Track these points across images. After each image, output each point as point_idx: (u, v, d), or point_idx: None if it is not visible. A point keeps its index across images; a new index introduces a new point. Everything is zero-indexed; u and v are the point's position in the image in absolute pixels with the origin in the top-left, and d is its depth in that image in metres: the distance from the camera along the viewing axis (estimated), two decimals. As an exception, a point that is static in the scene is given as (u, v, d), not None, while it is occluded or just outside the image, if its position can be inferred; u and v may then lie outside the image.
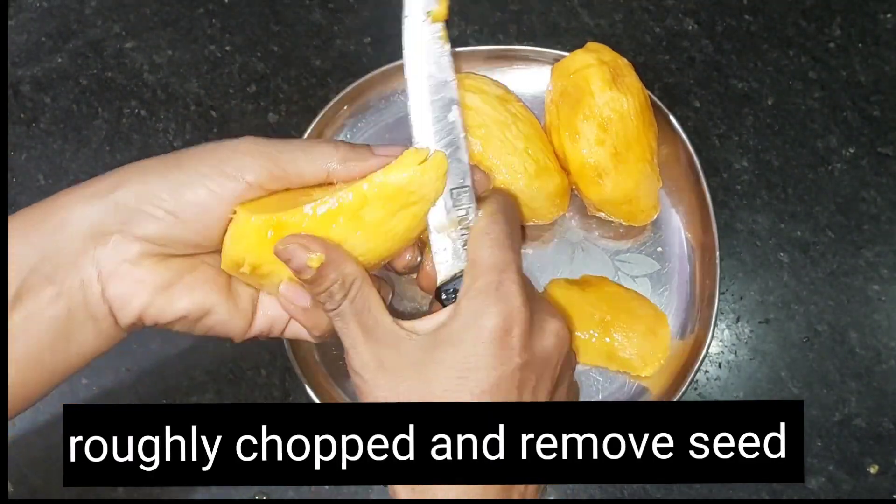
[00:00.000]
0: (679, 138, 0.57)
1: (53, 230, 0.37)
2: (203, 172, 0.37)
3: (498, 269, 0.38)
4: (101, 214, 0.37)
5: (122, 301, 0.38)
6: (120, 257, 0.37)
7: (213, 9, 0.67)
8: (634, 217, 0.56)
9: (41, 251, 0.36)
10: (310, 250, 0.37)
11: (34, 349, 0.37)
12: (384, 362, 0.37)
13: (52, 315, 0.37)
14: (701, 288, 0.57)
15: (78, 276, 0.37)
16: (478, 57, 0.61)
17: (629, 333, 0.55)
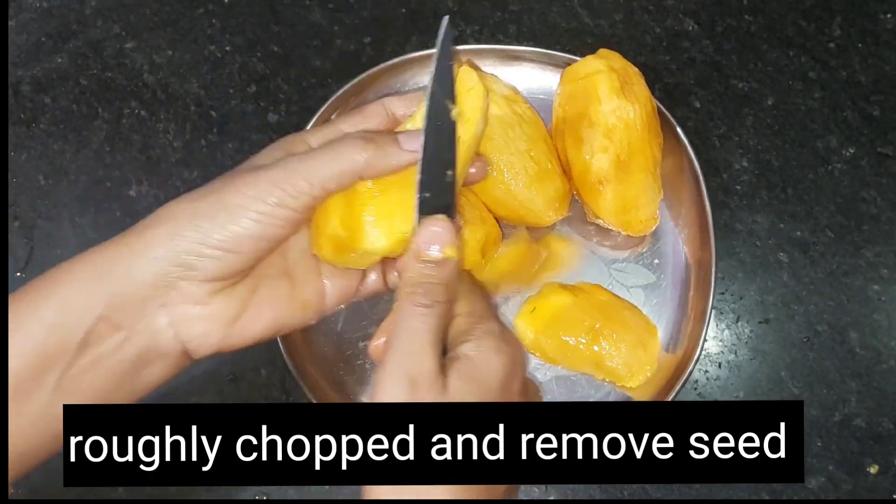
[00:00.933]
0: (684, 150, 0.57)
1: (118, 281, 0.38)
2: (249, 207, 0.38)
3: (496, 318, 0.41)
4: (164, 264, 0.38)
5: (199, 341, 0.39)
6: (190, 301, 0.38)
7: (213, 9, 0.67)
8: (632, 227, 0.56)
9: (107, 301, 0.37)
10: (454, 240, 0.39)
11: (100, 389, 0.38)
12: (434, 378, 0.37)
13: (120, 358, 0.38)
14: (694, 303, 0.56)
15: (147, 322, 0.38)
16: (489, 56, 0.61)
17: (618, 343, 0.54)
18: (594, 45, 0.64)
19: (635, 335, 0.55)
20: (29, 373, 0.36)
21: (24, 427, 0.37)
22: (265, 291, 0.41)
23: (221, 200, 0.38)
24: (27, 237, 0.63)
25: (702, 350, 0.54)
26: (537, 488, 0.56)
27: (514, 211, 0.56)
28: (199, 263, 0.38)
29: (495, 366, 0.38)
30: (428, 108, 0.40)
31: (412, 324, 0.38)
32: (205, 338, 0.39)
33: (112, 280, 0.38)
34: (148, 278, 0.38)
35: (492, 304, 0.42)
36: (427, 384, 0.36)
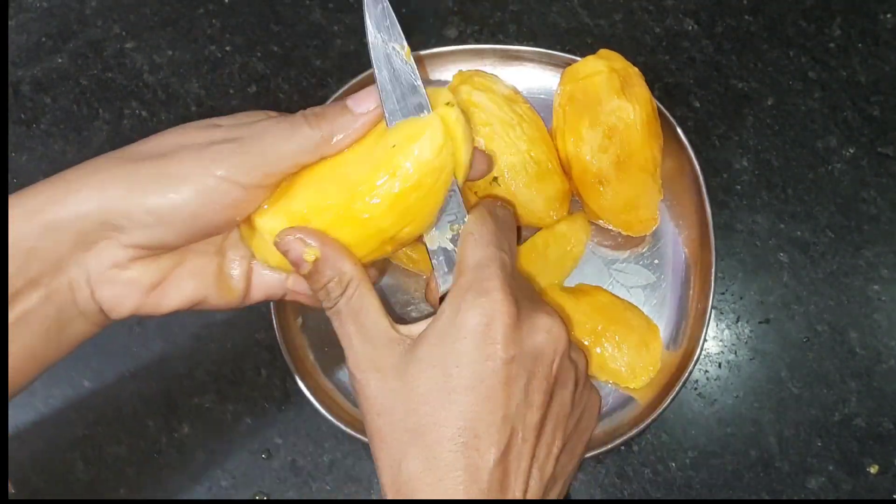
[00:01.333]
0: (684, 150, 0.57)
1: (39, 235, 0.36)
2: (189, 178, 0.36)
3: (480, 266, 0.37)
4: (87, 223, 0.36)
5: (113, 303, 0.38)
6: (108, 262, 0.37)
7: (213, 9, 0.67)
8: (632, 227, 0.56)
9: (26, 255, 0.36)
10: (306, 244, 0.37)
11: (27, 346, 0.37)
12: (376, 362, 0.37)
13: (42, 315, 0.37)
14: (694, 303, 0.57)
15: (65, 279, 0.37)
16: (489, 56, 0.61)
17: (621, 344, 0.54)
18: (594, 45, 0.64)
19: (637, 336, 0.55)
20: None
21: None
22: (191, 266, 0.40)
23: (165, 167, 0.36)
24: None
25: (702, 350, 0.54)
26: (538, 488, 0.56)
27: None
28: (125, 227, 0.36)
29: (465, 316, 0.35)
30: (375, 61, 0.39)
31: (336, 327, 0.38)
32: (119, 301, 0.38)
33: (33, 229, 0.36)
34: (70, 233, 0.36)
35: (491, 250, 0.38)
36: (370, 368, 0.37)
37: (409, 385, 0.36)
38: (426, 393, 0.35)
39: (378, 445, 0.37)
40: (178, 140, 0.38)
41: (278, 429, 0.57)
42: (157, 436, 0.57)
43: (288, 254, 0.37)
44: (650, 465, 0.56)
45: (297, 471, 0.56)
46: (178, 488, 0.56)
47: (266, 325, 0.57)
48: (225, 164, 0.36)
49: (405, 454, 0.35)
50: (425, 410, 0.35)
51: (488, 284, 0.36)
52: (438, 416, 0.35)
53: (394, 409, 0.36)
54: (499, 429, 0.35)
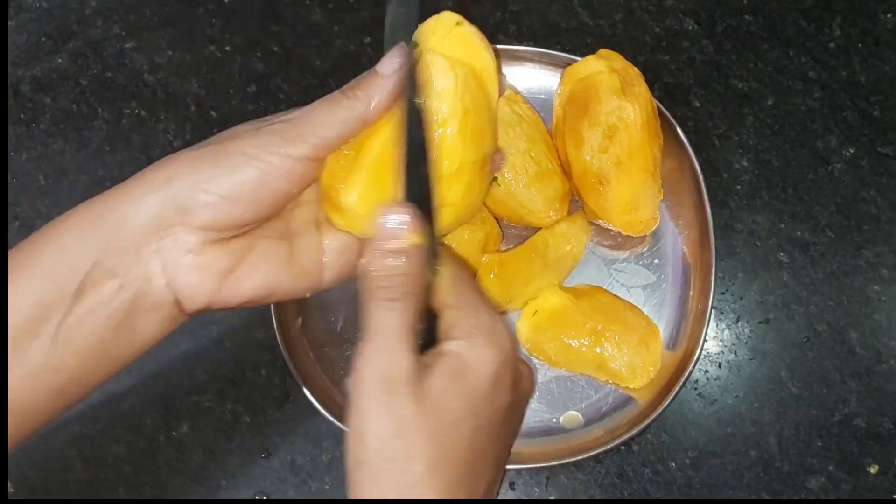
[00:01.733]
0: (684, 150, 0.57)
1: (113, 227, 0.37)
2: (250, 154, 0.38)
3: (492, 316, 0.39)
4: (160, 208, 0.37)
5: (190, 291, 0.38)
6: (183, 248, 0.38)
7: (213, 9, 0.67)
8: (632, 227, 0.56)
9: (102, 247, 0.37)
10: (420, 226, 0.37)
11: (97, 340, 0.37)
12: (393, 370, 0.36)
13: (115, 307, 0.37)
14: (694, 303, 0.57)
15: (141, 269, 0.37)
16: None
17: (621, 345, 0.54)
18: (594, 45, 0.64)
19: (637, 336, 0.55)
20: (27, 324, 0.36)
21: (24, 379, 0.36)
22: (262, 251, 0.40)
23: (223, 149, 0.38)
24: (27, 237, 0.62)
25: (702, 350, 0.54)
26: (537, 488, 0.56)
27: (513, 211, 0.56)
28: (195, 208, 0.37)
29: (484, 363, 0.37)
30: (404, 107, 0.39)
31: (382, 321, 0.37)
32: (196, 288, 0.38)
33: (107, 226, 0.37)
34: (142, 221, 0.37)
35: (482, 295, 0.41)
36: (404, 382, 0.35)
37: (439, 410, 0.36)
38: (454, 423, 0.36)
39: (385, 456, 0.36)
40: (234, 131, 0.40)
41: (278, 428, 0.57)
42: (155, 435, 0.57)
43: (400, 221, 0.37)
44: (650, 465, 0.56)
45: (297, 470, 0.56)
46: (177, 488, 0.56)
47: (266, 325, 0.57)
48: (277, 140, 0.38)
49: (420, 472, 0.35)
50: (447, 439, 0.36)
51: (501, 338, 0.39)
52: (461, 446, 0.36)
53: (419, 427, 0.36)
54: (495, 463, 0.39)
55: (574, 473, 0.56)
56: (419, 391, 0.36)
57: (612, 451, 0.56)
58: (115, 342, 0.38)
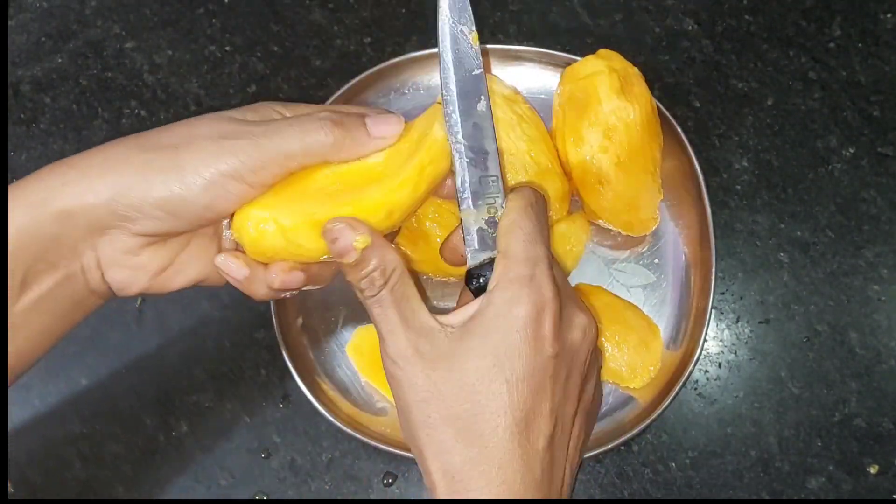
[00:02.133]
0: (684, 150, 0.57)
1: (54, 220, 0.37)
2: (206, 177, 0.37)
3: (531, 261, 0.38)
4: (101, 211, 0.37)
5: (122, 285, 0.40)
6: (119, 249, 0.39)
7: (213, 9, 0.67)
8: (633, 227, 0.56)
9: (43, 240, 0.37)
10: (355, 230, 0.38)
11: (45, 325, 0.39)
12: (420, 350, 0.37)
13: (58, 296, 0.39)
14: (694, 303, 0.56)
15: (78, 262, 0.39)
16: (490, 55, 0.61)
17: (621, 345, 0.54)
18: (594, 44, 0.64)
19: (638, 336, 0.55)
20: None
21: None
22: (195, 249, 0.42)
23: (177, 159, 0.37)
24: None
25: (702, 350, 0.54)
26: (537, 488, 0.56)
27: (513, 211, 0.56)
28: (137, 219, 0.37)
29: (514, 314, 0.36)
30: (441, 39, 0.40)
31: (374, 314, 0.38)
32: (129, 283, 0.40)
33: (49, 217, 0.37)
34: (84, 221, 0.37)
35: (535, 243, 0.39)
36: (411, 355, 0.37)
37: (459, 373, 0.36)
38: (479, 382, 0.36)
39: (425, 433, 0.37)
40: (191, 131, 0.39)
41: (277, 428, 0.57)
42: (154, 434, 0.57)
43: (336, 242, 0.38)
44: (650, 465, 0.56)
45: (296, 470, 0.56)
46: (176, 487, 0.56)
47: (266, 325, 0.57)
48: (235, 161, 0.38)
49: (457, 442, 0.36)
50: (479, 399, 0.36)
51: (539, 281, 0.37)
52: (494, 405, 0.36)
53: (442, 397, 0.36)
54: (546, 419, 0.37)
55: (574, 473, 0.56)
56: (434, 357, 0.37)
57: (612, 451, 0.56)
58: (61, 324, 0.40)
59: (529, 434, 0.36)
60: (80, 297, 0.40)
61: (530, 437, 0.36)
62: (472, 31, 0.41)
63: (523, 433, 0.36)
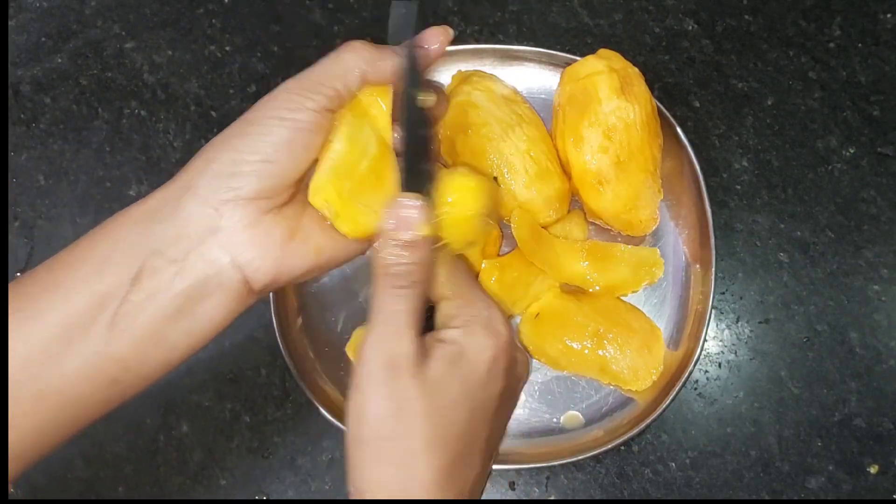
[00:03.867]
0: (685, 152, 0.57)
1: (167, 217, 0.37)
2: (273, 115, 0.38)
3: (488, 305, 0.41)
4: (207, 191, 0.37)
5: (255, 265, 0.38)
6: (240, 225, 0.38)
7: (213, 9, 0.67)
8: (632, 227, 0.56)
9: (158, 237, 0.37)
10: (426, 219, 0.38)
11: (154, 326, 0.37)
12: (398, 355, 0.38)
13: (175, 292, 0.37)
14: (694, 303, 0.57)
15: (200, 253, 0.37)
16: (489, 56, 0.61)
17: (623, 347, 0.54)
18: (594, 44, 0.64)
19: (639, 338, 0.55)
20: (81, 314, 0.36)
21: (80, 369, 0.36)
22: (312, 217, 0.41)
23: (247, 120, 0.39)
24: (27, 237, 0.63)
25: (702, 350, 0.54)
26: (537, 488, 0.56)
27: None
28: (240, 180, 0.37)
29: (481, 349, 0.39)
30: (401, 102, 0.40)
31: (389, 306, 0.38)
32: (261, 261, 0.38)
33: (161, 218, 0.37)
34: (195, 210, 0.37)
35: (479, 286, 0.43)
36: (407, 365, 0.37)
37: (436, 392, 0.38)
38: (451, 405, 0.38)
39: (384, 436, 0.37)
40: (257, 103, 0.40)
41: (277, 428, 0.57)
42: (155, 434, 0.57)
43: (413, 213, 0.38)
44: (650, 465, 0.56)
45: (296, 470, 0.56)
46: (176, 487, 0.56)
47: (266, 325, 0.57)
48: (293, 97, 0.39)
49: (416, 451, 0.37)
50: (444, 421, 0.38)
51: (497, 326, 0.41)
52: (455, 429, 0.38)
53: (418, 408, 0.37)
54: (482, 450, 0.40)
55: (574, 473, 0.56)
56: (420, 374, 0.37)
57: (612, 451, 0.56)
58: (173, 329, 0.38)
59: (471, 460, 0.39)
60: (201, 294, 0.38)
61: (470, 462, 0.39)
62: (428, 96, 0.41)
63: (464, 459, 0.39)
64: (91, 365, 0.36)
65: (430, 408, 0.37)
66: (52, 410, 0.37)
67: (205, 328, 0.39)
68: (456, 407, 0.38)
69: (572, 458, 0.53)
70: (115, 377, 0.37)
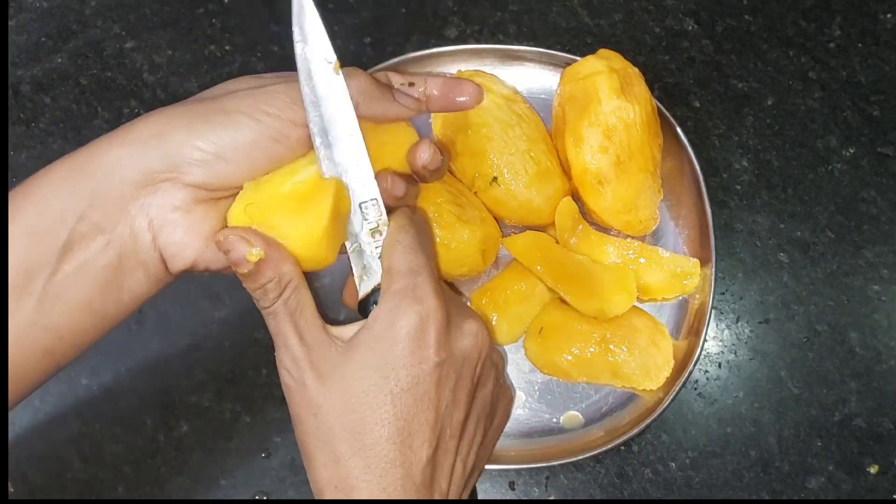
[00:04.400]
0: (684, 150, 0.57)
1: (100, 176, 0.36)
2: (247, 112, 0.37)
3: (412, 272, 0.39)
4: (150, 161, 0.36)
5: (175, 249, 0.38)
6: (171, 205, 0.37)
7: (213, 9, 0.67)
8: (632, 227, 0.56)
9: (88, 198, 0.36)
10: (250, 244, 0.37)
11: (85, 297, 0.37)
12: (314, 362, 0.38)
13: (103, 264, 0.37)
14: (694, 303, 0.57)
15: (128, 224, 0.37)
16: (489, 56, 0.61)
17: (631, 348, 0.54)
18: (594, 44, 0.64)
19: (645, 336, 0.55)
20: (14, 281, 0.35)
21: (13, 338, 0.36)
22: None
23: (219, 106, 0.37)
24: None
25: (702, 350, 0.54)
26: (537, 488, 0.56)
27: (514, 211, 0.56)
28: (187, 165, 0.36)
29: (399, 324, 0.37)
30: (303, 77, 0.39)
31: (270, 326, 0.39)
32: (181, 247, 0.38)
33: (94, 176, 0.36)
34: (131, 175, 0.36)
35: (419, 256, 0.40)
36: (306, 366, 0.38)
37: (348, 386, 0.37)
38: (364, 394, 0.37)
39: (314, 444, 0.38)
40: (230, 87, 0.39)
41: (277, 428, 0.57)
42: (155, 434, 0.57)
43: (230, 253, 0.37)
44: (650, 465, 0.56)
45: (297, 470, 0.56)
46: (176, 487, 0.56)
47: (266, 325, 0.57)
48: (277, 102, 0.38)
49: (343, 453, 0.37)
50: (364, 411, 0.37)
51: (421, 291, 0.38)
52: (377, 416, 0.37)
53: (331, 409, 0.37)
54: (431, 427, 0.38)
55: (574, 473, 0.56)
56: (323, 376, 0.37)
57: (612, 451, 0.56)
58: (102, 300, 0.37)
59: (412, 442, 0.37)
60: (126, 268, 0.37)
61: (413, 444, 0.37)
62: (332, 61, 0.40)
63: (405, 442, 0.37)
64: (24, 335, 0.36)
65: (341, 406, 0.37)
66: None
67: (130, 301, 0.38)
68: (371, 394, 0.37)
69: (572, 458, 0.53)
70: (48, 347, 0.37)
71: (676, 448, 0.56)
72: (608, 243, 0.57)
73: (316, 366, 0.38)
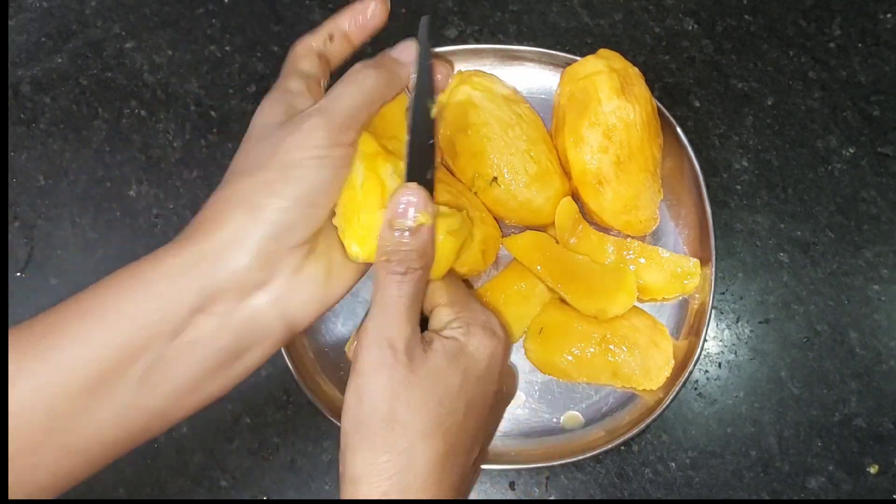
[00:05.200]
0: (684, 150, 0.57)
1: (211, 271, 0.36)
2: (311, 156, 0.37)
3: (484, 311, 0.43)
4: (260, 242, 0.36)
5: (302, 311, 0.38)
6: (287, 272, 0.37)
7: (213, 9, 0.67)
8: (632, 227, 0.56)
9: (201, 292, 0.35)
10: (427, 206, 0.38)
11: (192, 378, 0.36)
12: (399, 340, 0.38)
13: (217, 346, 0.36)
14: (694, 303, 0.57)
15: (244, 305, 0.36)
16: (489, 56, 0.61)
17: (631, 347, 0.54)
18: (594, 44, 0.64)
19: (646, 336, 0.55)
20: (110, 364, 0.34)
21: (105, 420, 0.35)
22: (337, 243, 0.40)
23: (282, 161, 0.37)
24: (27, 237, 0.63)
25: (702, 350, 0.54)
26: (537, 488, 0.56)
27: (514, 211, 0.56)
28: (291, 229, 0.36)
29: (480, 347, 0.40)
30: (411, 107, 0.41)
31: (388, 291, 0.38)
32: (307, 305, 0.38)
33: (204, 272, 0.35)
34: (245, 262, 0.36)
35: (474, 296, 0.44)
36: (406, 349, 0.37)
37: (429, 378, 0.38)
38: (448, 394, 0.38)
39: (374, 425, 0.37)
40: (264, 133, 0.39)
41: (277, 428, 0.57)
42: (156, 435, 0.57)
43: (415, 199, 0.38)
44: (650, 465, 0.56)
45: (297, 470, 0.56)
46: (177, 488, 0.56)
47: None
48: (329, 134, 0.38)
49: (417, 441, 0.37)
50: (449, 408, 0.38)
51: (496, 329, 0.42)
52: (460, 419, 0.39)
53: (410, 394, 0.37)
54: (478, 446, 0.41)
55: (574, 473, 0.56)
56: (418, 360, 0.38)
57: (612, 451, 0.56)
58: (211, 380, 0.37)
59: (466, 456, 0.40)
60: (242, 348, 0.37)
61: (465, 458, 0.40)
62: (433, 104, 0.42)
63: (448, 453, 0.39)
64: (118, 417, 0.35)
65: (429, 395, 0.38)
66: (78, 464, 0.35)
67: (241, 375, 0.38)
68: (454, 398, 0.38)
69: (572, 458, 0.53)
70: (142, 428, 0.36)
71: (676, 448, 0.56)
72: (608, 243, 0.57)
73: (396, 344, 0.38)
